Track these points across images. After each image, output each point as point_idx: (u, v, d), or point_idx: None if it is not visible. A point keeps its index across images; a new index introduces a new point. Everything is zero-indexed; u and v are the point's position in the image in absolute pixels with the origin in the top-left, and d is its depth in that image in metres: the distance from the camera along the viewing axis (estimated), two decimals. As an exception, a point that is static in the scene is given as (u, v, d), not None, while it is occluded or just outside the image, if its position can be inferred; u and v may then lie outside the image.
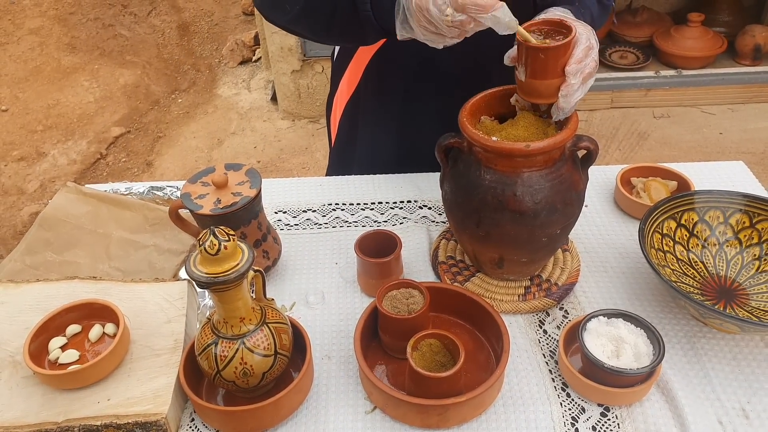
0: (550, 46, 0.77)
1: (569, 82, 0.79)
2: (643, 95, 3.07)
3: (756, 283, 0.92)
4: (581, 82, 0.79)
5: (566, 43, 0.77)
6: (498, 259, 0.90)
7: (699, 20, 2.99)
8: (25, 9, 3.90)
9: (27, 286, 0.94)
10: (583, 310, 0.94)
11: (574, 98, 0.80)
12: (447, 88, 1.12)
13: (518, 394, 0.82)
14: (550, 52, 0.77)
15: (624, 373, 0.77)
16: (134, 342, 0.86)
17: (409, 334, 0.80)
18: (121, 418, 0.76)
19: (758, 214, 0.95)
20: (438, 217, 1.13)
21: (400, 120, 1.19)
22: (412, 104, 1.16)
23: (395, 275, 0.97)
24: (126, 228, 1.11)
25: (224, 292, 0.72)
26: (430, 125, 1.14)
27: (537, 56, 0.78)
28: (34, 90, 3.44)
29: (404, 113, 1.18)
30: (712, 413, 0.79)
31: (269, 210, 1.16)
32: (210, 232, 0.69)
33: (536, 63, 0.79)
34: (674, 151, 2.82)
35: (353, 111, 1.22)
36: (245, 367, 0.75)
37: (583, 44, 0.79)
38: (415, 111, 1.17)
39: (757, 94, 3.06)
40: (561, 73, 0.79)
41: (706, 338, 0.88)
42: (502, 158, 0.81)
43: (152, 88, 3.55)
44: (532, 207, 0.82)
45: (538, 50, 0.77)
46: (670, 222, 0.97)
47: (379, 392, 0.79)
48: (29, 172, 2.96)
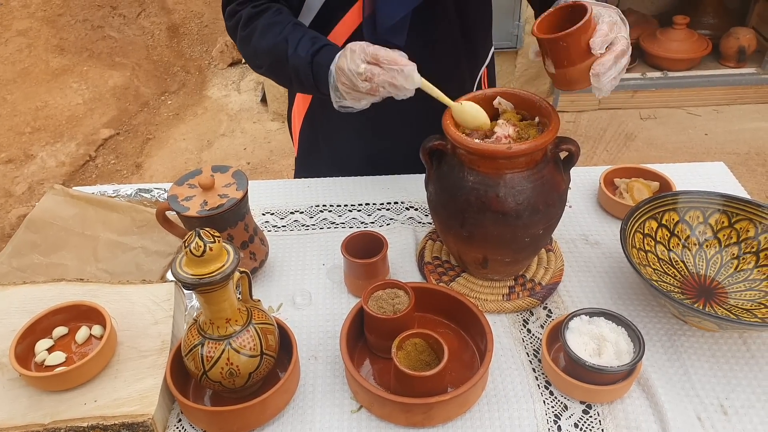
0: (568, 32, 0.75)
1: (599, 59, 0.77)
2: (630, 97, 3.10)
3: (734, 282, 0.94)
4: (614, 59, 0.78)
5: (584, 24, 0.75)
6: (482, 260, 0.92)
7: (684, 23, 3.03)
8: (13, 10, 3.87)
9: (14, 289, 0.94)
10: (566, 309, 0.95)
11: (607, 76, 0.78)
12: None
13: (502, 393, 0.84)
14: (570, 37, 0.76)
15: (605, 371, 0.79)
16: (121, 343, 0.86)
17: (395, 334, 0.81)
18: (108, 419, 0.76)
19: (736, 213, 0.97)
20: (424, 218, 1.14)
21: (362, 126, 1.21)
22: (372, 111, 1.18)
23: (382, 276, 0.98)
24: (113, 230, 1.11)
25: (210, 294, 0.73)
26: (393, 129, 1.17)
27: (559, 45, 0.77)
28: (22, 92, 3.42)
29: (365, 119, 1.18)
30: (691, 409, 0.81)
31: (257, 211, 1.17)
32: (195, 233, 0.70)
33: (560, 52, 0.77)
34: (660, 151, 2.86)
35: (311, 122, 1.26)
36: (231, 367, 0.76)
37: (606, 20, 0.78)
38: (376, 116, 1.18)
39: (741, 96, 3.10)
40: (589, 54, 0.77)
41: (685, 336, 0.90)
42: (485, 160, 0.82)
43: (141, 89, 3.54)
44: (515, 208, 0.83)
45: (558, 40, 0.76)
46: (651, 222, 0.98)
47: (365, 392, 0.80)
48: (17, 174, 2.94)
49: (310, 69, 0.93)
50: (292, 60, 0.95)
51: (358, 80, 0.85)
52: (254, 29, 1.00)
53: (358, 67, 0.84)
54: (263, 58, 1.01)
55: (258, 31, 1.00)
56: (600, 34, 0.77)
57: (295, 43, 0.95)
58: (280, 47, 0.96)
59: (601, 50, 0.77)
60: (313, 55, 0.93)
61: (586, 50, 0.77)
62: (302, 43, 0.95)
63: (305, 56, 0.94)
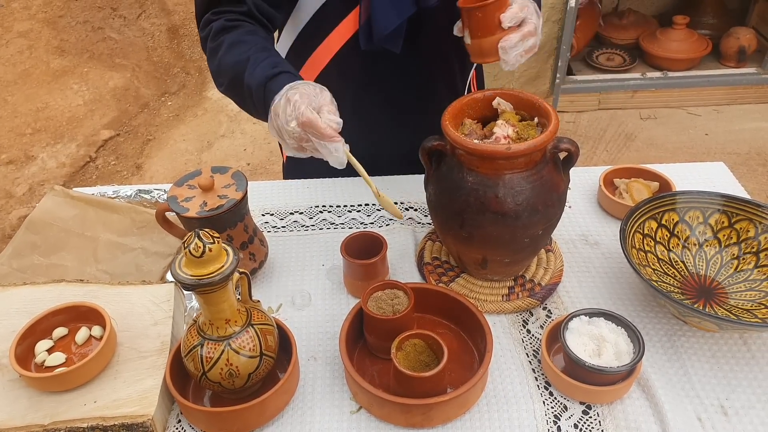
0: (484, 4, 0.85)
1: (508, 34, 0.87)
2: (630, 97, 3.10)
3: (734, 282, 0.94)
4: (521, 37, 0.87)
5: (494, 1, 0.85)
6: (481, 260, 0.92)
7: (684, 23, 3.03)
8: (13, 12, 3.88)
9: (14, 290, 0.94)
10: (566, 309, 0.95)
11: (513, 50, 0.87)
12: (394, 96, 1.14)
13: (501, 393, 0.84)
14: (484, 9, 0.86)
15: (605, 371, 0.79)
16: (121, 344, 0.86)
17: (394, 335, 0.81)
18: (108, 420, 0.76)
19: (736, 214, 0.97)
20: (424, 218, 1.14)
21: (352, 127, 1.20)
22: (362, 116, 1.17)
23: (381, 276, 0.98)
24: (113, 231, 1.11)
25: (209, 294, 0.73)
26: (382, 133, 1.17)
27: (475, 15, 0.87)
28: (22, 93, 3.43)
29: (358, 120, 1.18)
30: (691, 410, 0.81)
31: (256, 212, 1.17)
32: (195, 234, 0.70)
33: (475, 22, 0.87)
34: (661, 152, 2.85)
35: None
36: (231, 368, 0.76)
37: (519, 3, 0.88)
38: (365, 121, 1.18)
39: (741, 96, 3.09)
40: (500, 29, 0.87)
41: (685, 336, 0.90)
42: (484, 160, 0.82)
43: (142, 91, 3.54)
44: (514, 208, 0.83)
45: (476, 9, 0.86)
46: (651, 222, 0.98)
47: (364, 392, 0.80)
48: (18, 176, 2.94)
49: (262, 92, 0.90)
50: (247, 80, 0.91)
51: (286, 135, 0.84)
52: (222, 43, 0.97)
53: (288, 124, 0.83)
54: (225, 75, 0.97)
55: (225, 46, 0.97)
56: (511, 12, 0.87)
57: (256, 64, 0.92)
58: (241, 65, 0.93)
59: (509, 24, 0.87)
60: (268, 79, 0.90)
61: (498, 25, 0.87)
62: (262, 65, 0.92)
63: (261, 79, 0.90)
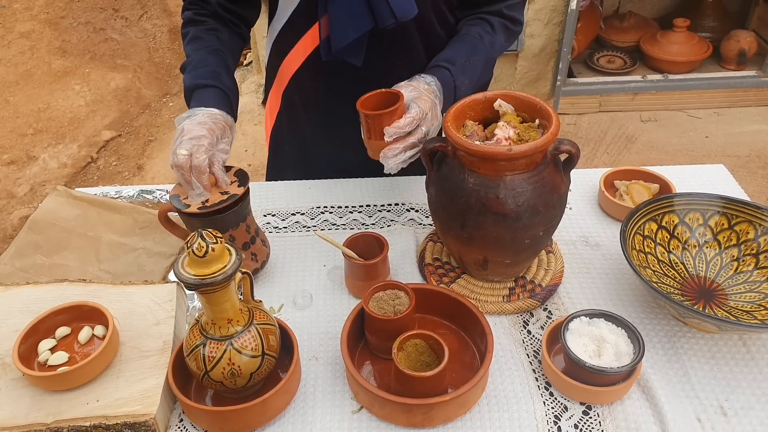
0: (372, 114, 0.90)
1: (391, 144, 0.90)
2: (631, 99, 3.11)
3: (734, 284, 0.94)
4: (402, 149, 0.90)
5: (388, 112, 0.89)
6: (482, 261, 0.92)
7: (685, 25, 3.03)
8: (15, 13, 3.89)
9: (16, 289, 0.95)
10: (566, 310, 0.96)
11: (392, 160, 0.91)
12: None
13: (502, 394, 0.84)
14: (373, 119, 0.90)
15: (605, 372, 0.79)
16: (123, 344, 0.86)
17: (395, 335, 0.82)
18: (110, 418, 0.77)
19: (736, 215, 0.97)
20: (425, 219, 1.15)
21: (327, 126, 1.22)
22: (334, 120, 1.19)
23: (382, 277, 0.98)
24: (115, 231, 1.11)
25: (212, 294, 0.73)
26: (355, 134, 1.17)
27: (366, 121, 0.91)
28: (24, 93, 3.43)
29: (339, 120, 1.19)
30: (691, 411, 0.81)
31: (258, 213, 1.17)
32: (198, 234, 0.71)
33: (367, 126, 0.92)
34: (661, 154, 2.86)
35: (281, 121, 1.27)
36: (233, 367, 0.77)
37: (411, 115, 0.90)
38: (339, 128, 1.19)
39: (741, 98, 3.10)
40: None
41: (685, 338, 0.90)
42: (485, 162, 0.83)
43: (143, 91, 3.55)
44: (515, 209, 0.83)
45: (367, 116, 0.91)
46: (651, 224, 0.99)
47: (365, 392, 0.80)
48: (19, 176, 2.95)
49: (189, 97, 1.00)
50: (185, 78, 1.02)
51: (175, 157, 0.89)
52: (187, 34, 1.08)
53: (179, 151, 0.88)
54: (184, 62, 1.06)
55: (188, 37, 1.08)
56: (396, 126, 0.89)
57: (197, 67, 1.02)
58: (189, 60, 1.04)
59: (389, 138, 0.89)
60: (196, 88, 1.00)
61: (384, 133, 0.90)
62: (200, 71, 1.01)
63: (191, 84, 1.00)
